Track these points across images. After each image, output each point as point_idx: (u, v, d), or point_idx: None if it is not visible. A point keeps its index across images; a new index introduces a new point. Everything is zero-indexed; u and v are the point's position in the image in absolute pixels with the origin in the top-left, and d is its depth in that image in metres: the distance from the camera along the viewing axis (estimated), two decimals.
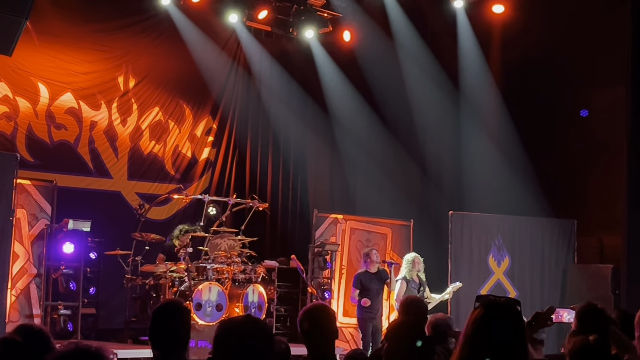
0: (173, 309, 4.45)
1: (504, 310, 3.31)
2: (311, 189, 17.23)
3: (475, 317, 3.28)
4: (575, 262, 14.91)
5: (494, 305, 3.33)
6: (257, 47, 16.78)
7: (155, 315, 4.41)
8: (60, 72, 14.90)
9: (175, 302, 4.63)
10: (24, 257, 11.89)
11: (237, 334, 2.74)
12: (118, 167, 15.61)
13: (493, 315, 3.27)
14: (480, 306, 3.31)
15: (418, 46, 15.75)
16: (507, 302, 3.38)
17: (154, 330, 4.38)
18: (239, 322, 2.80)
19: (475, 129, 15.65)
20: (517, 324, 3.30)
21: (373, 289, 12.32)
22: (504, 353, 3.19)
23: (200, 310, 12.23)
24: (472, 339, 3.24)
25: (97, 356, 3.10)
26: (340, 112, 16.63)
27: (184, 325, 4.39)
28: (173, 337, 4.33)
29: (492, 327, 3.24)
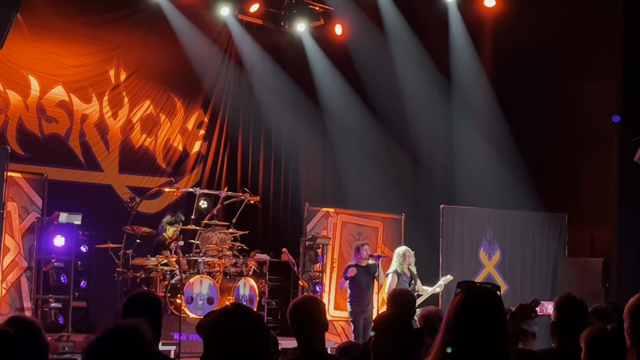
0: (145, 298, 4.42)
1: (485, 296, 3.39)
2: (303, 182, 17.23)
3: (456, 302, 3.37)
4: (565, 255, 14.96)
5: (474, 291, 3.41)
6: (249, 41, 16.75)
7: (125, 306, 4.39)
8: (51, 65, 14.84)
9: (145, 293, 4.61)
10: (15, 250, 11.87)
11: (227, 329, 2.72)
12: (109, 161, 15.58)
13: (474, 300, 3.35)
14: (462, 292, 3.37)
15: (410, 40, 15.75)
16: (487, 288, 3.44)
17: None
18: (227, 316, 2.77)
19: (467, 123, 15.67)
20: (497, 309, 3.38)
21: (363, 282, 12.35)
22: (485, 337, 3.25)
23: (191, 303, 12.22)
24: (453, 323, 3.32)
25: (134, 332, 3.24)
26: (332, 106, 16.63)
27: (156, 316, 4.36)
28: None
29: (473, 312, 3.31)
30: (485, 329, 3.28)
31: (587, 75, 14.70)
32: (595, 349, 4.26)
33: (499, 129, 15.34)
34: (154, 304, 4.39)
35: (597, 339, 4.28)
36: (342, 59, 16.35)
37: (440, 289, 12.88)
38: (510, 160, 15.01)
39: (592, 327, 4.43)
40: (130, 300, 4.41)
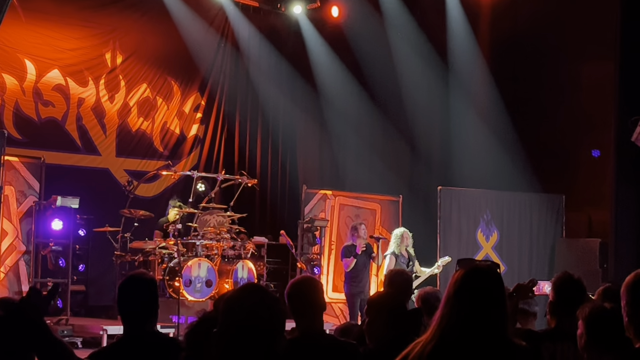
0: (139, 279, 4.43)
1: (485, 273, 3.42)
2: (300, 165, 17.22)
3: (456, 279, 3.40)
4: (563, 236, 14.99)
5: (474, 268, 3.45)
6: (245, 23, 16.70)
7: (121, 288, 4.39)
8: (47, 49, 14.80)
9: (141, 273, 4.60)
10: (13, 234, 11.88)
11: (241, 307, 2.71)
12: (106, 144, 15.56)
13: (473, 277, 3.38)
14: (462, 269, 3.39)
15: (407, 22, 15.71)
16: (487, 265, 3.47)
17: (121, 304, 4.36)
18: (244, 296, 2.76)
19: (464, 105, 15.65)
20: (496, 285, 3.41)
21: (360, 263, 12.37)
22: (484, 314, 3.27)
23: (189, 286, 12.24)
24: (453, 299, 3.34)
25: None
26: (329, 88, 16.60)
27: (151, 296, 4.37)
28: (141, 309, 4.31)
29: (472, 288, 3.34)
30: (484, 306, 3.31)
31: (584, 57, 14.68)
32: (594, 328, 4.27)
33: (496, 111, 15.33)
34: (149, 284, 4.39)
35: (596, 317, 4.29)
36: (338, 41, 16.31)
37: (439, 270, 12.90)
38: (508, 141, 15.00)
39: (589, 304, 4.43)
40: (126, 282, 4.41)
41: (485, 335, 3.29)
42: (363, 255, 12.43)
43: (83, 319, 13.05)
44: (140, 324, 4.30)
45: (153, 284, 4.43)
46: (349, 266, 12.39)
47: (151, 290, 4.38)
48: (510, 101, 15.26)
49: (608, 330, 4.24)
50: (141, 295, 4.32)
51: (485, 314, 3.29)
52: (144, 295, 4.33)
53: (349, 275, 12.41)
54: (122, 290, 4.38)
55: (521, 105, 15.22)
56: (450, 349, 3.29)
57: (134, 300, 4.32)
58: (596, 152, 14.79)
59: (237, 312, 2.68)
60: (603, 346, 4.20)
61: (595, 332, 4.25)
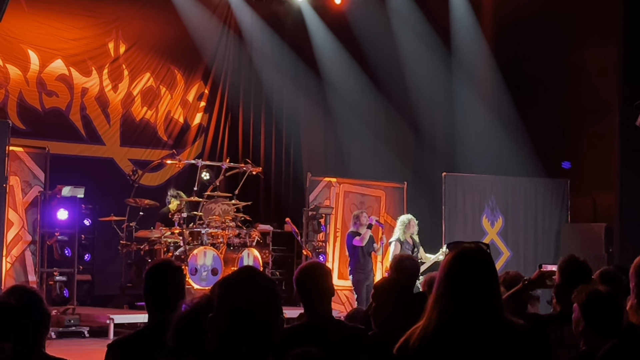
0: (166, 268, 4.43)
1: (473, 253, 3.44)
2: (304, 152, 17.20)
3: (446, 262, 3.44)
4: (568, 221, 14.96)
5: (462, 250, 3.48)
6: (248, 11, 16.67)
7: (149, 275, 4.38)
8: (50, 39, 14.81)
9: (168, 262, 4.61)
10: (19, 224, 11.90)
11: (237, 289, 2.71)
12: (110, 134, 15.58)
13: (462, 258, 3.41)
14: (451, 252, 3.42)
15: (409, 7, 15.64)
16: (477, 246, 3.50)
17: (148, 291, 4.36)
18: (239, 279, 2.76)
19: (468, 91, 15.61)
20: (486, 265, 3.44)
21: (365, 249, 12.38)
22: (476, 294, 3.31)
23: (195, 274, 12.28)
24: (444, 282, 3.38)
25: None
26: (332, 75, 16.56)
27: (179, 284, 4.38)
28: (168, 296, 4.30)
29: (462, 270, 3.38)
30: (476, 287, 3.33)
31: (588, 42, 14.62)
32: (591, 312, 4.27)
33: (500, 96, 15.29)
34: (177, 272, 4.40)
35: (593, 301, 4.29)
36: (341, 28, 16.26)
37: (444, 257, 12.88)
38: (512, 127, 14.97)
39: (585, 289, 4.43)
40: (153, 269, 4.40)
41: (481, 315, 3.30)
42: (368, 243, 12.43)
43: (89, 309, 13.08)
44: (167, 312, 4.28)
45: (180, 271, 4.44)
46: (365, 239, 12.31)
47: (179, 278, 4.39)
48: (514, 86, 15.21)
49: (605, 314, 4.24)
50: (168, 283, 4.32)
51: (477, 295, 3.31)
52: (171, 282, 4.33)
53: (354, 263, 12.38)
54: (150, 277, 4.37)
55: (525, 90, 15.17)
56: (449, 332, 3.30)
57: (161, 288, 4.32)
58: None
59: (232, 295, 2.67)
60: (600, 331, 4.20)
61: (592, 316, 4.26)
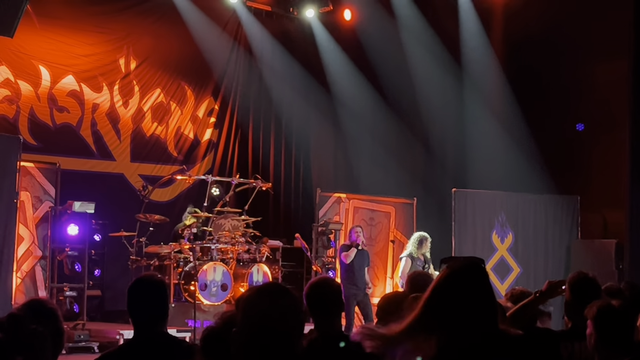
0: (149, 282, 4.41)
1: (468, 268, 3.34)
2: (314, 168, 17.22)
3: (440, 276, 3.31)
4: (578, 237, 14.92)
5: (458, 265, 3.36)
6: (258, 27, 16.72)
7: (130, 291, 4.38)
8: (62, 55, 14.89)
9: (150, 276, 4.59)
10: (29, 239, 11.92)
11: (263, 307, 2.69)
12: (121, 149, 15.63)
13: (457, 273, 3.30)
14: (446, 267, 3.35)
15: (419, 23, 15.67)
16: (471, 260, 3.39)
17: (131, 306, 4.35)
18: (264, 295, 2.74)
19: (478, 106, 15.60)
20: (480, 279, 3.31)
21: (356, 264, 12.35)
22: (470, 308, 3.21)
23: (205, 290, 12.27)
24: (438, 297, 3.25)
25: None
26: (342, 91, 16.60)
27: (161, 298, 4.36)
28: (151, 311, 4.30)
29: (456, 285, 3.26)
30: (469, 300, 3.23)
31: (598, 56, 14.61)
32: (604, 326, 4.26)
33: (510, 111, 15.28)
34: (159, 286, 4.38)
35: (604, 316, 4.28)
36: (351, 44, 16.31)
37: None
38: (522, 143, 14.95)
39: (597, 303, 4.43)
40: (135, 284, 4.40)
41: (473, 330, 3.23)
42: (360, 256, 12.40)
43: (99, 324, 13.09)
44: (151, 326, 4.29)
45: (162, 285, 4.42)
46: (350, 257, 12.32)
47: (161, 292, 4.36)
48: (524, 101, 15.20)
49: (617, 329, 4.24)
50: (151, 297, 4.31)
51: (470, 308, 3.23)
52: (154, 297, 4.32)
53: (344, 276, 12.31)
54: (132, 292, 4.36)
55: (535, 105, 15.17)
56: (446, 348, 3.23)
57: (143, 303, 4.31)
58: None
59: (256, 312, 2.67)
60: (613, 345, 4.20)
61: (604, 331, 4.25)
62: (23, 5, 10.27)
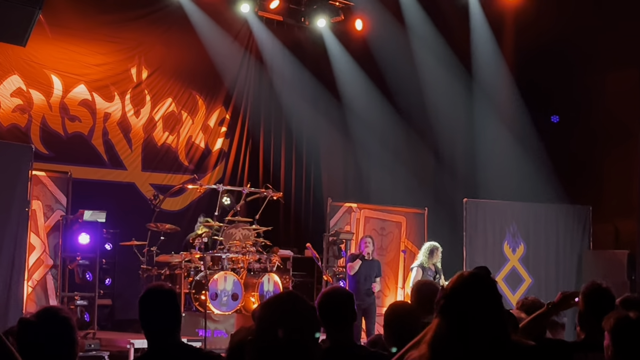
0: (159, 292, 4.37)
1: (475, 278, 3.31)
2: (325, 177, 17.22)
3: (447, 287, 3.29)
4: (590, 248, 14.86)
5: (465, 275, 3.34)
6: (269, 37, 16.75)
7: (142, 301, 4.33)
8: (74, 64, 14.93)
9: (161, 285, 4.54)
10: (40, 248, 11.93)
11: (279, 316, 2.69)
12: (132, 159, 15.66)
13: (465, 283, 3.27)
14: (455, 277, 3.32)
15: (430, 33, 15.68)
16: (479, 271, 3.35)
17: (143, 317, 4.31)
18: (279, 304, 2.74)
19: (489, 116, 15.59)
20: (488, 289, 3.28)
21: (361, 273, 12.33)
22: (478, 318, 3.17)
23: (216, 299, 12.25)
24: (446, 307, 3.23)
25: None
26: (353, 101, 16.61)
27: (173, 308, 4.32)
28: (164, 321, 4.26)
29: (462, 294, 3.24)
30: (474, 311, 3.19)
31: (610, 66, 14.59)
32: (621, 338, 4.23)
33: (521, 121, 15.26)
34: (170, 295, 4.34)
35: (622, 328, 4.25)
36: (362, 54, 16.32)
37: None
38: (534, 152, 14.93)
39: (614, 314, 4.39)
40: (146, 294, 4.35)
41: (482, 340, 3.20)
42: (366, 266, 12.39)
43: (110, 333, 13.08)
44: (165, 336, 4.24)
45: (173, 294, 4.38)
46: (354, 269, 12.35)
47: (172, 301, 4.32)
48: (536, 111, 15.18)
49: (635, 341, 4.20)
50: (163, 307, 4.26)
51: (477, 320, 3.20)
52: (166, 306, 4.27)
53: (349, 287, 12.27)
54: (143, 303, 4.31)
55: (546, 115, 15.15)
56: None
57: (155, 312, 4.26)
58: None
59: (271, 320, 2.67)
60: (630, 358, 4.16)
61: (622, 343, 4.21)
62: (36, 15, 10.30)
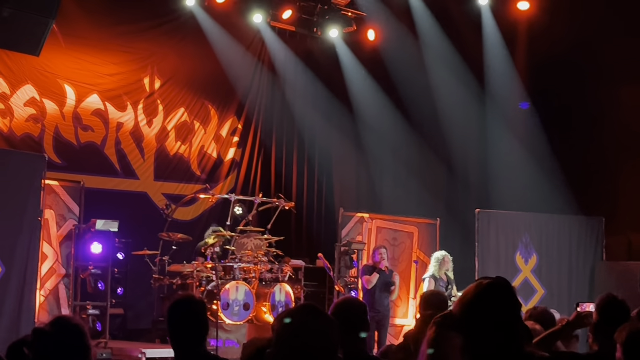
0: (189, 302, 4.40)
1: (494, 286, 3.25)
2: (337, 187, 17.21)
3: (465, 292, 3.25)
4: (603, 259, 14.81)
5: (484, 282, 3.28)
6: (282, 47, 16.79)
7: (172, 310, 4.35)
8: (86, 74, 14.98)
9: (191, 296, 4.58)
10: (53, 257, 11.96)
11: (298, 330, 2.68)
12: (144, 168, 15.68)
13: (484, 290, 3.22)
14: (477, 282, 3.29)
15: (443, 44, 15.68)
16: (498, 279, 3.31)
17: (171, 326, 4.33)
18: (298, 317, 2.73)
19: (501, 126, 15.57)
20: (507, 297, 3.22)
21: (377, 285, 12.30)
22: (494, 325, 3.13)
23: (227, 309, 12.24)
24: (465, 311, 3.20)
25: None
26: (365, 111, 16.62)
27: (203, 318, 4.35)
28: (193, 331, 4.29)
29: (483, 302, 3.18)
30: (494, 318, 3.14)
31: (623, 79, 14.53)
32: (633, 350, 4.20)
33: (534, 132, 15.23)
34: (200, 305, 4.38)
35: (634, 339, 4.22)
36: (374, 64, 16.33)
37: None
38: (546, 163, 14.89)
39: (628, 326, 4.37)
40: (176, 304, 4.38)
41: (500, 348, 3.16)
42: (382, 278, 12.36)
43: (121, 342, 13.07)
44: (192, 346, 4.26)
45: (202, 305, 4.42)
46: (371, 282, 12.32)
47: (201, 312, 4.36)
48: (548, 122, 15.15)
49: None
50: (192, 317, 4.30)
51: (496, 327, 3.16)
52: (195, 316, 4.31)
53: (365, 299, 12.21)
54: (173, 312, 4.34)
55: (559, 126, 15.10)
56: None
57: (185, 322, 4.29)
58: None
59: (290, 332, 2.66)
60: None
61: (633, 355, 4.19)
62: (49, 25, 10.36)
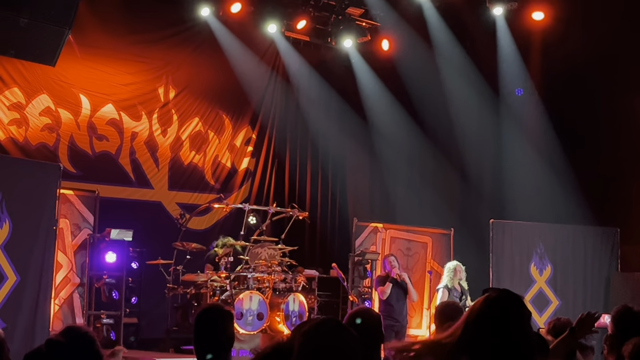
0: (216, 312, 4.43)
1: (506, 298, 3.27)
2: (351, 197, 17.21)
3: (476, 304, 3.27)
4: (618, 270, 14.73)
5: (496, 294, 3.31)
6: (296, 57, 16.81)
7: (199, 320, 4.38)
8: (102, 84, 15.04)
9: (217, 306, 4.61)
10: (67, 266, 12.00)
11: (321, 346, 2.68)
12: (159, 178, 15.72)
13: (495, 301, 3.24)
14: (485, 296, 3.29)
15: (457, 54, 15.69)
16: (509, 292, 3.32)
17: (198, 335, 4.36)
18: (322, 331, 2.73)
19: (516, 136, 15.54)
20: (517, 310, 3.24)
21: (392, 296, 12.27)
22: (504, 338, 3.13)
23: (241, 319, 12.24)
24: (473, 325, 3.21)
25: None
26: (379, 121, 16.62)
27: (228, 329, 4.38)
28: (218, 341, 4.30)
29: (493, 313, 3.20)
30: (504, 331, 3.16)
31: (638, 89, 14.48)
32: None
33: (548, 142, 15.19)
34: (226, 316, 4.40)
35: None
36: (389, 74, 16.34)
37: None
38: (561, 173, 14.84)
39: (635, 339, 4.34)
40: (202, 314, 4.41)
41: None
42: (395, 287, 12.33)
43: (135, 352, 13.08)
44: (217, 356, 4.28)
45: (230, 316, 4.44)
46: (385, 292, 12.28)
47: (228, 322, 4.38)
48: (563, 132, 15.11)
49: None
50: (218, 327, 4.32)
51: (505, 339, 3.14)
52: (221, 327, 4.33)
53: (382, 309, 12.13)
54: (199, 322, 4.36)
55: (574, 136, 15.05)
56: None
57: (210, 333, 4.31)
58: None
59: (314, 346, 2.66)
60: None
61: None
62: (65, 35, 10.41)
